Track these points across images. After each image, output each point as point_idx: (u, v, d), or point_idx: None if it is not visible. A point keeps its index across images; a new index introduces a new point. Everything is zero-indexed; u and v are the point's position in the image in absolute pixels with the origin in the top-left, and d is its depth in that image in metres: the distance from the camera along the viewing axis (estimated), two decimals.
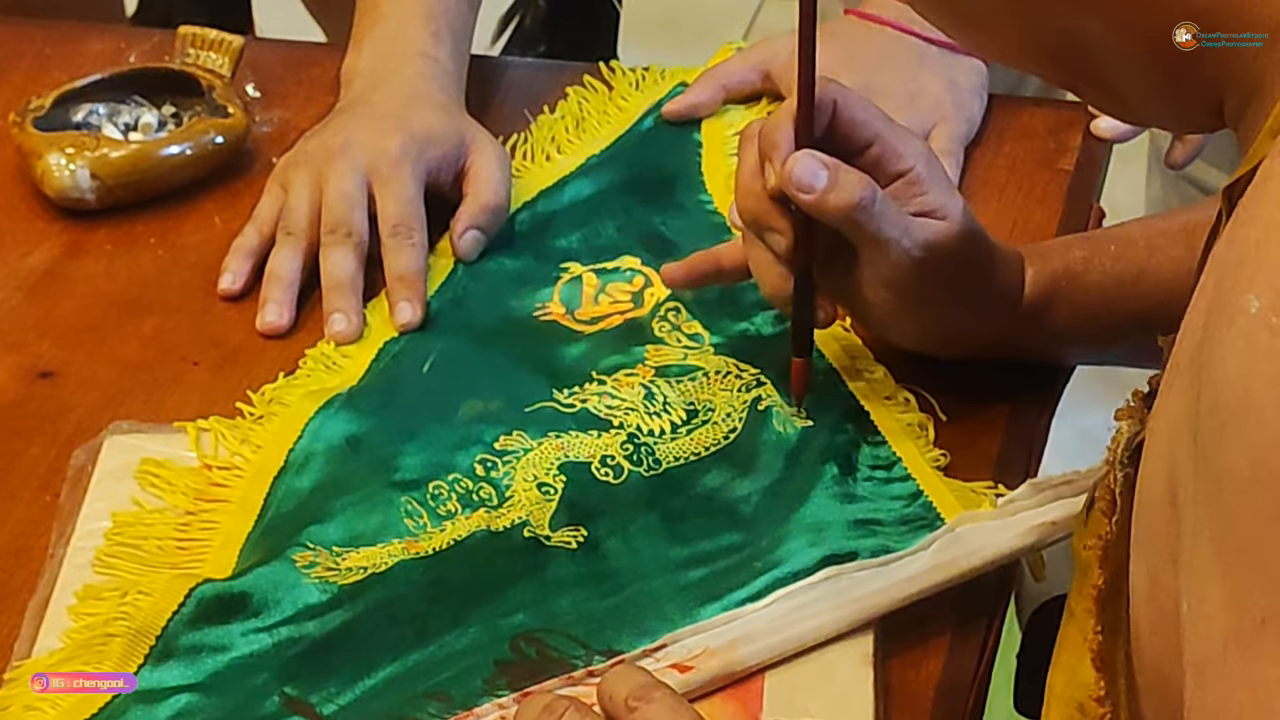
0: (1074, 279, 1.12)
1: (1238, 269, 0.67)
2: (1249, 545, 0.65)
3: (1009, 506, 1.03)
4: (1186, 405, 0.71)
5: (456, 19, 1.35)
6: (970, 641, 1.00)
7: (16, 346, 1.20)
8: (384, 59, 1.33)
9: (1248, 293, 0.66)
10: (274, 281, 1.22)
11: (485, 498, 1.07)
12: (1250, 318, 0.65)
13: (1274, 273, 0.65)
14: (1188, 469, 0.70)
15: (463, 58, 1.36)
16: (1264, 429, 0.65)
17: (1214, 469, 0.67)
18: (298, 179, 1.25)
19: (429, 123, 1.27)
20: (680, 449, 1.10)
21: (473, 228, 1.25)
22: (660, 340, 1.18)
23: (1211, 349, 0.67)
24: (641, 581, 1.02)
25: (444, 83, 1.32)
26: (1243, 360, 0.66)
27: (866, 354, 1.16)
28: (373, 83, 1.31)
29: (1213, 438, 0.67)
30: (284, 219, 1.25)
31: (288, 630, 0.99)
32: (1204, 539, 0.68)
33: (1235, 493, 0.66)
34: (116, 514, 1.07)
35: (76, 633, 1.00)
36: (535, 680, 0.96)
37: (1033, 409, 1.14)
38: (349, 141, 1.25)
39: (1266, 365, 0.65)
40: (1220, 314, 0.67)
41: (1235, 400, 0.66)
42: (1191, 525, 0.70)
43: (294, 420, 1.12)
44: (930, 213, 1.08)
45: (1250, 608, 0.65)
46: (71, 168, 1.28)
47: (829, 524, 1.04)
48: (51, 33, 1.49)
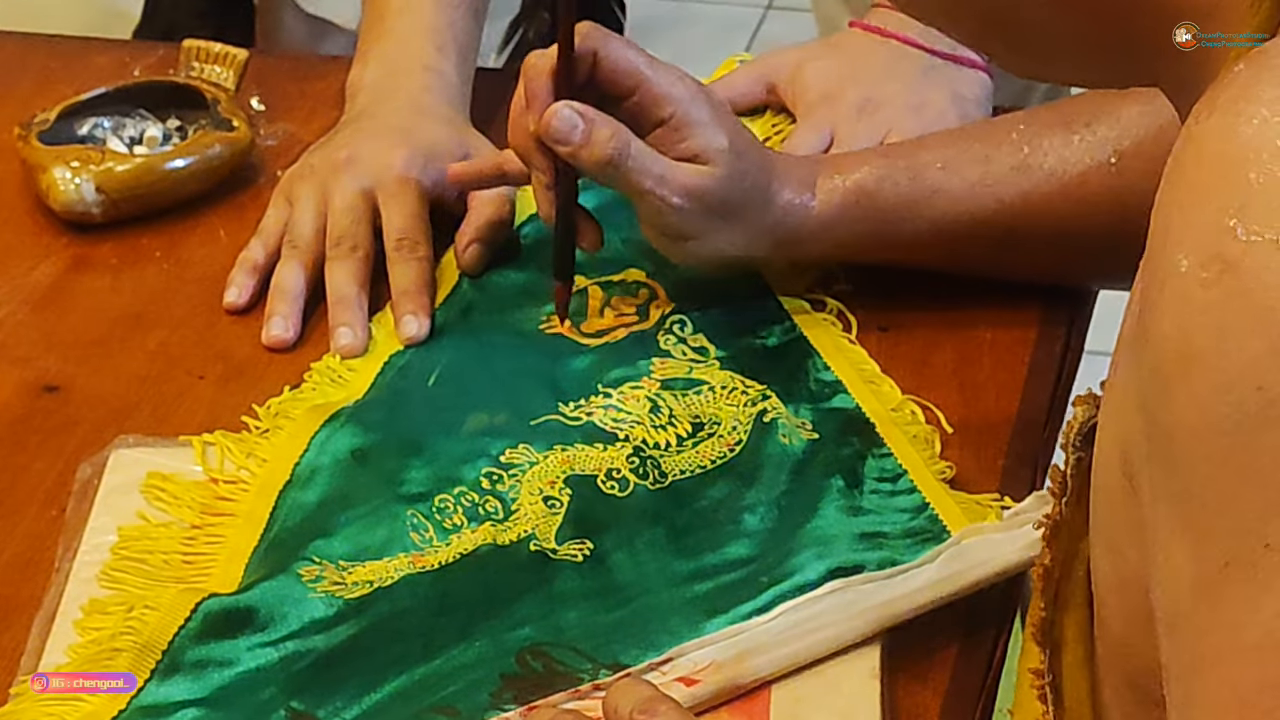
0: (866, 195, 1.17)
1: (1165, 234, 0.68)
2: (1205, 493, 0.67)
3: (1015, 519, 1.03)
4: (1131, 380, 0.73)
5: (462, 33, 1.36)
6: (977, 654, 1.00)
7: (22, 361, 1.20)
8: (389, 73, 1.33)
9: (1177, 253, 0.67)
10: (279, 296, 1.22)
11: (491, 511, 1.07)
12: (1181, 276, 0.67)
13: (1200, 231, 0.67)
14: (1139, 440, 0.72)
15: (468, 71, 1.36)
16: (1207, 376, 0.66)
17: (1163, 427, 0.68)
18: (303, 192, 1.26)
19: (433, 136, 1.28)
20: (686, 462, 1.10)
21: (476, 241, 1.25)
22: (666, 353, 1.18)
23: (1147, 315, 0.69)
24: (648, 595, 1.02)
25: (448, 95, 1.32)
26: (1178, 317, 0.67)
27: (872, 365, 1.17)
28: (377, 96, 1.32)
29: (1158, 397, 0.68)
30: (289, 233, 1.25)
31: (294, 645, 0.99)
32: (1161, 500, 0.69)
33: (1186, 444, 0.67)
34: (122, 528, 1.07)
35: (82, 647, 1.00)
36: (541, 694, 0.96)
37: (1038, 422, 1.14)
38: (354, 155, 1.25)
39: (1202, 317, 0.66)
40: (1153, 279, 0.69)
41: (1176, 355, 0.67)
42: (1150, 493, 0.71)
43: (300, 434, 1.12)
44: (693, 157, 1.13)
45: (1213, 553, 0.67)
46: (77, 181, 1.28)
47: (835, 537, 1.04)
48: (56, 46, 1.49)
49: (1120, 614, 0.81)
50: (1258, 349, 0.65)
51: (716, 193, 1.14)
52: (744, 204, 1.15)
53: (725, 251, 1.17)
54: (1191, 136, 0.69)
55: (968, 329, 1.19)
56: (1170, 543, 0.69)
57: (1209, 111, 0.69)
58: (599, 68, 1.13)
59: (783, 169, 1.17)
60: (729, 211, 1.15)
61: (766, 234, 1.17)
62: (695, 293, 1.22)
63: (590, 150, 1.12)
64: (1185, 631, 0.68)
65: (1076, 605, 0.89)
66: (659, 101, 1.14)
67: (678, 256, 1.18)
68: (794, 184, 1.17)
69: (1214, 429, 0.66)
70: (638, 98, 1.14)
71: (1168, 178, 0.70)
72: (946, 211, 1.17)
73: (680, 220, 1.14)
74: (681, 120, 1.13)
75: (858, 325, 1.20)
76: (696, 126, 1.13)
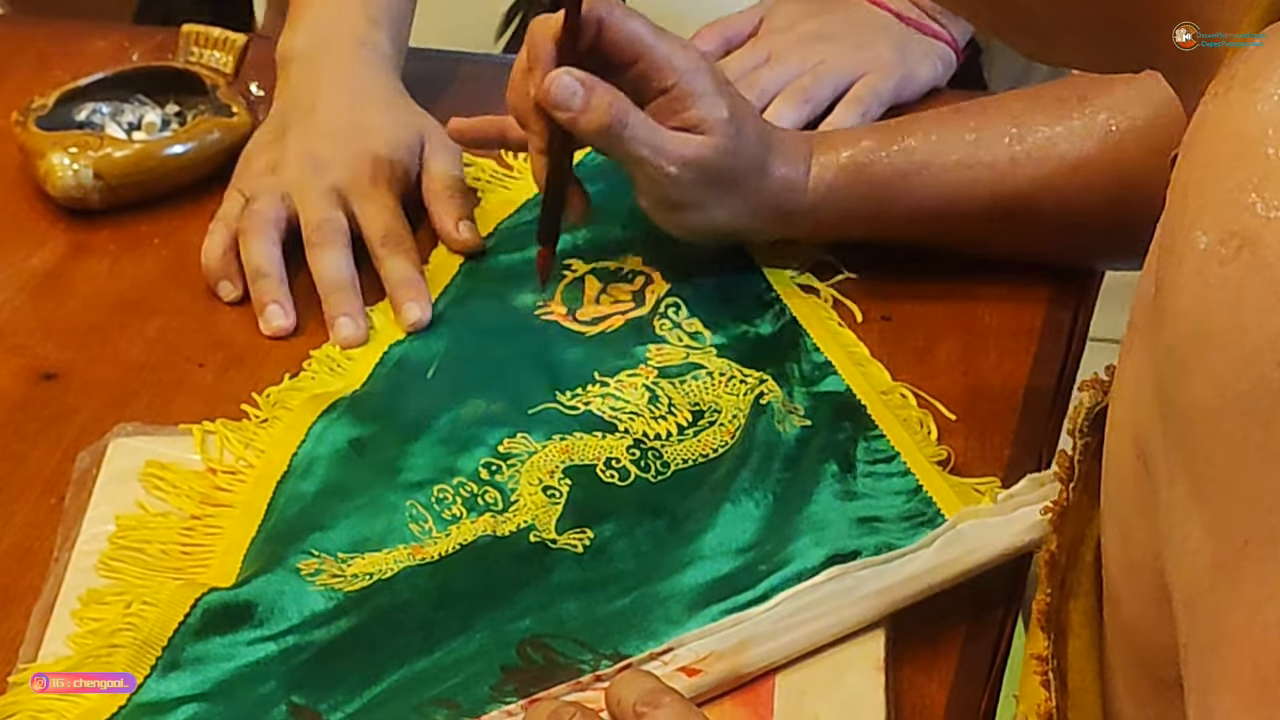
0: (859, 170, 1.18)
1: (1182, 212, 0.68)
2: (1223, 472, 0.66)
3: (1009, 501, 1.03)
4: (1145, 362, 0.73)
5: (395, 2, 1.35)
6: (982, 645, 1.00)
7: (20, 348, 1.20)
8: (321, 43, 1.32)
9: (1195, 230, 0.67)
10: (263, 280, 1.21)
11: (490, 502, 1.07)
12: (1199, 253, 0.67)
13: (1218, 207, 0.67)
14: (1154, 421, 0.71)
15: (401, 41, 1.35)
16: (1225, 353, 0.66)
17: (1180, 406, 0.68)
18: (264, 186, 1.25)
19: (387, 130, 1.27)
20: (688, 450, 1.09)
21: (464, 218, 1.26)
22: (661, 339, 1.17)
23: (1165, 293, 0.69)
24: (648, 584, 1.02)
25: (384, 70, 1.32)
26: (1196, 293, 0.67)
27: (862, 349, 1.17)
28: (312, 75, 1.31)
29: (1175, 376, 0.68)
30: (250, 205, 1.23)
31: (294, 638, 0.99)
32: (1179, 481, 0.69)
33: (1203, 423, 0.67)
34: (120, 517, 1.06)
35: (82, 638, 1.00)
36: (543, 686, 0.96)
37: (1043, 410, 1.14)
38: (318, 162, 1.25)
39: (1220, 293, 0.66)
40: (1169, 256, 0.68)
41: (1193, 333, 0.67)
42: (1166, 474, 0.71)
43: (298, 424, 1.12)
44: (693, 127, 1.14)
45: (1231, 533, 0.66)
46: (75, 167, 1.27)
47: (831, 522, 1.04)
48: (54, 31, 1.48)
49: (1131, 596, 0.81)
50: (1277, 325, 0.65)
51: (714, 163, 1.15)
52: (741, 176, 1.16)
53: (719, 223, 1.18)
54: (1207, 114, 0.69)
55: (972, 317, 1.19)
56: (1188, 522, 0.68)
57: (1226, 88, 0.69)
58: (603, 36, 1.14)
59: (779, 143, 1.18)
60: (725, 182, 1.16)
61: (761, 207, 1.18)
62: (690, 277, 1.22)
63: (588, 117, 1.13)
64: (1204, 610, 0.68)
65: (1083, 592, 0.89)
66: (661, 71, 1.15)
67: (672, 226, 1.19)
68: (790, 158, 1.18)
69: (1232, 406, 0.66)
70: (641, 66, 1.15)
71: (1183, 155, 0.70)
72: (936, 187, 1.17)
73: (676, 190, 1.15)
74: (683, 90, 1.14)
75: (861, 314, 1.19)
76: (698, 97, 1.14)
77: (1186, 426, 0.68)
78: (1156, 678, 0.80)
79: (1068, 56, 0.87)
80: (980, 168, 1.17)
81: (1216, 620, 0.67)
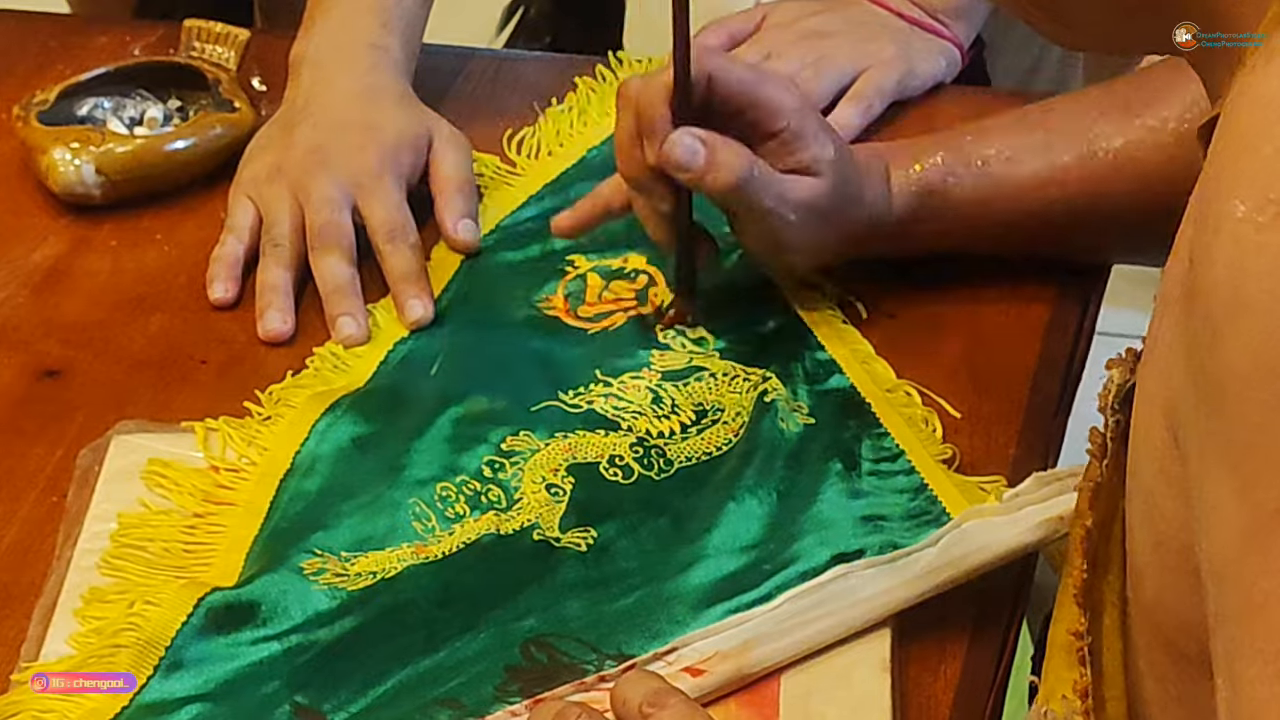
0: (935, 194, 1.18)
1: (1218, 182, 0.68)
2: (1256, 439, 0.66)
3: (1014, 500, 1.02)
4: (1178, 335, 0.72)
5: (409, 9, 1.35)
6: (988, 645, 1.00)
7: (21, 345, 1.19)
8: (334, 49, 1.32)
9: (1231, 197, 0.67)
10: (270, 291, 1.21)
11: (494, 500, 1.06)
12: (1236, 221, 0.66)
13: (1255, 177, 0.67)
14: (1186, 392, 0.71)
15: (413, 48, 1.35)
16: (1260, 320, 0.66)
17: (1212, 374, 0.68)
18: (273, 193, 1.25)
19: (396, 126, 1.27)
20: (692, 448, 1.09)
21: (465, 217, 1.25)
22: (665, 346, 1.17)
23: (1199, 263, 0.68)
24: (652, 584, 1.02)
25: (394, 73, 1.32)
26: (1232, 261, 0.67)
27: (866, 346, 1.17)
28: (323, 77, 1.31)
29: (1209, 345, 0.68)
30: (268, 232, 1.24)
31: (297, 638, 0.99)
32: (1210, 450, 0.69)
33: (1237, 390, 0.67)
34: (123, 515, 1.06)
35: (84, 638, 0.99)
36: (547, 686, 0.96)
37: (1048, 410, 1.13)
38: (324, 157, 1.25)
39: (1255, 261, 0.66)
40: (1204, 225, 0.68)
41: (1228, 301, 0.67)
42: (1197, 445, 0.70)
43: (301, 422, 1.12)
44: (805, 169, 1.13)
45: (1264, 499, 0.66)
46: (76, 163, 1.27)
47: (836, 522, 1.04)
48: (55, 26, 1.48)
49: (1155, 572, 0.80)
50: None
51: (827, 204, 1.14)
52: (844, 209, 1.15)
53: (823, 258, 1.18)
54: (1245, 86, 0.69)
55: (977, 314, 1.19)
56: (1219, 491, 0.68)
57: (1265, 60, 0.68)
58: (713, 89, 1.13)
59: (862, 167, 1.17)
60: (832, 220, 1.15)
61: (857, 235, 1.17)
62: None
63: (714, 175, 1.11)
64: (1233, 579, 0.68)
65: (1115, 569, 0.89)
66: (774, 115, 1.13)
67: (778, 266, 1.19)
68: (873, 182, 1.17)
69: (1267, 373, 0.66)
70: (750, 114, 1.14)
71: (1221, 127, 0.70)
72: (1014, 205, 1.17)
73: (789, 233, 1.14)
74: (794, 133, 1.13)
75: (865, 312, 1.19)
76: (808, 138, 1.14)
77: (1219, 394, 0.68)
78: (1178, 654, 0.80)
79: (1088, 39, 0.87)
80: (1053, 184, 1.16)
81: (1246, 588, 0.67)
